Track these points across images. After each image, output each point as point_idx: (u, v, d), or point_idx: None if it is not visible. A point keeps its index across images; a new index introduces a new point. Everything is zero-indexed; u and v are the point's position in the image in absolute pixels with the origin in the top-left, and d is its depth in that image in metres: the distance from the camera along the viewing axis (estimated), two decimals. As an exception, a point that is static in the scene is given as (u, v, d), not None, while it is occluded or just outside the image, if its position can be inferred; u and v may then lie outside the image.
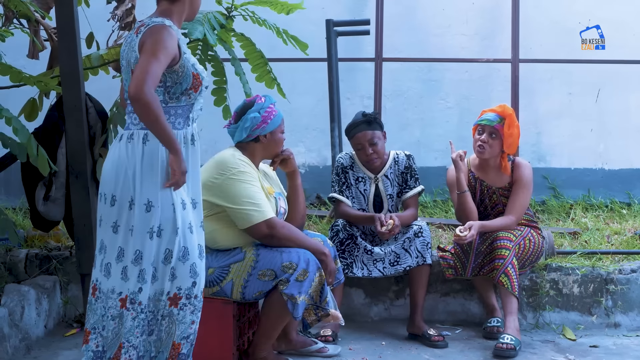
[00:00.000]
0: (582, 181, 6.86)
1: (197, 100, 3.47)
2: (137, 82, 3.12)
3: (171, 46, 3.27)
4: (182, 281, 3.37)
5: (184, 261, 3.36)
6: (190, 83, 3.39)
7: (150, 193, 3.31)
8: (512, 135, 4.74)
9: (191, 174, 3.44)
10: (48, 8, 5.02)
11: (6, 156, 4.97)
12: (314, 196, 6.76)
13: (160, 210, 3.31)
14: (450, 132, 6.77)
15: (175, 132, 3.36)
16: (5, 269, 5.03)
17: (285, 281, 3.87)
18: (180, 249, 3.35)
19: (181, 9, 3.47)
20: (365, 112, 4.92)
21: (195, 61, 3.45)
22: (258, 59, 5.19)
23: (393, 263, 4.74)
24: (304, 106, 6.75)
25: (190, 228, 3.39)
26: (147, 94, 3.11)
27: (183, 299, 3.38)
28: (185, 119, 3.43)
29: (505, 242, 4.61)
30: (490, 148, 4.77)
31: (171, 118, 3.39)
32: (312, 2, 6.10)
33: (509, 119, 4.73)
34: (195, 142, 3.48)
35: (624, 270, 5.06)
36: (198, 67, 3.43)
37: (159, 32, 3.28)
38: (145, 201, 3.31)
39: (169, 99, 3.39)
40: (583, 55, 6.72)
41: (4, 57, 4.96)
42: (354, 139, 4.86)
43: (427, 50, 6.90)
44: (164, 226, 3.32)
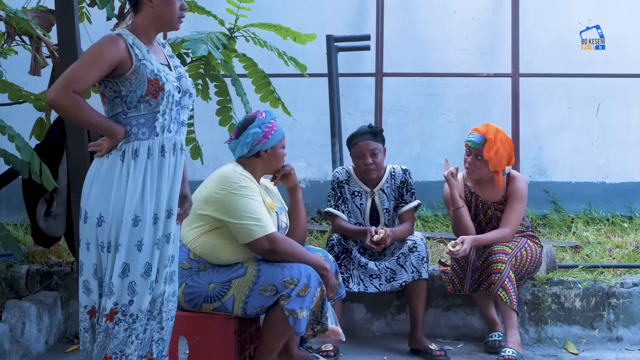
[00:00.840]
0: (583, 195, 6.86)
1: (162, 107, 3.35)
2: (52, 87, 3.23)
3: (105, 54, 3.25)
4: (119, 297, 3.32)
5: (123, 277, 3.31)
6: (145, 89, 3.30)
7: (103, 207, 3.30)
8: (497, 155, 4.69)
9: (156, 187, 3.35)
10: (50, 25, 5.04)
11: (7, 172, 4.98)
12: (315, 211, 6.76)
13: (110, 225, 3.29)
14: (450, 147, 6.77)
15: (137, 142, 3.31)
16: (6, 285, 5.03)
17: (286, 296, 3.86)
18: (122, 265, 3.30)
19: (145, 20, 3.41)
20: (371, 124, 4.93)
21: (162, 68, 3.38)
22: (261, 79, 5.22)
23: (389, 279, 4.74)
24: (305, 121, 6.76)
25: (138, 245, 3.31)
26: (57, 98, 3.19)
27: (119, 314, 3.33)
28: (150, 129, 3.34)
29: (501, 255, 4.60)
30: (477, 169, 4.78)
31: (133, 129, 3.32)
32: (312, 18, 6.14)
33: (488, 143, 4.70)
34: (166, 154, 3.37)
35: (625, 284, 5.05)
36: (161, 73, 3.35)
37: (98, 42, 3.31)
38: (97, 215, 3.30)
39: (127, 109, 3.33)
40: (583, 69, 6.73)
41: (5, 74, 4.98)
42: (356, 146, 4.86)
43: (428, 65, 6.91)
44: (114, 242, 3.30)
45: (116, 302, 3.31)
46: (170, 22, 3.45)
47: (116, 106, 3.35)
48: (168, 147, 3.38)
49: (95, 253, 3.33)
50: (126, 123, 3.33)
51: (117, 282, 3.30)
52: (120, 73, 3.29)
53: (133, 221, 3.29)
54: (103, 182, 3.32)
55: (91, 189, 3.34)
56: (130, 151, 3.32)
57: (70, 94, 3.20)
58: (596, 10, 6.82)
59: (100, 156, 3.37)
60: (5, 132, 4.24)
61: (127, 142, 3.33)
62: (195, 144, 5.27)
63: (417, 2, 7.04)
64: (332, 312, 4.09)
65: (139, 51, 3.33)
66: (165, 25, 3.47)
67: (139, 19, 3.42)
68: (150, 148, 3.34)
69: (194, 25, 6.16)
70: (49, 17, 5.05)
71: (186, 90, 3.47)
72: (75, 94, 3.23)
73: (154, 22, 3.42)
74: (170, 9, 3.40)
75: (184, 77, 3.50)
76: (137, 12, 3.43)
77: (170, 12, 3.41)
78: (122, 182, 3.30)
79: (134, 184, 3.30)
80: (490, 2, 7.00)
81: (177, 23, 3.46)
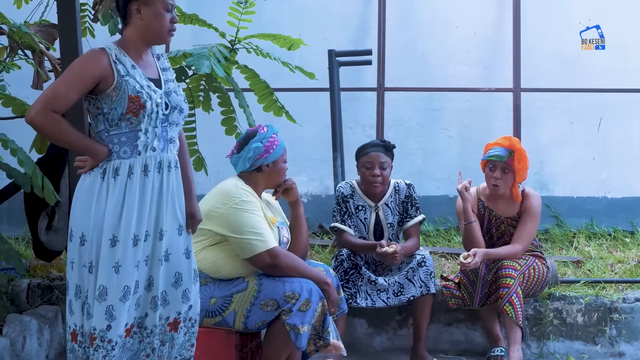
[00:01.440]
0: (584, 210, 6.85)
1: (143, 125, 3.27)
2: (32, 106, 3.18)
3: (86, 70, 3.19)
4: (97, 321, 3.22)
5: (100, 301, 3.21)
6: (125, 107, 3.21)
7: (85, 226, 3.22)
8: (524, 167, 4.75)
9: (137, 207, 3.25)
10: (52, 39, 5.06)
11: (9, 186, 4.98)
12: (317, 225, 6.75)
13: (91, 244, 3.21)
14: (452, 161, 6.78)
15: (118, 161, 3.24)
16: (7, 299, 5.02)
17: (287, 311, 3.86)
18: (98, 287, 3.21)
19: (134, 33, 3.34)
20: (384, 139, 4.94)
21: (146, 84, 3.29)
22: (263, 90, 5.23)
23: (397, 293, 4.73)
24: (307, 136, 6.77)
25: (115, 267, 3.21)
26: (36, 117, 3.14)
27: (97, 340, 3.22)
28: (132, 147, 3.26)
29: (510, 271, 4.60)
30: (505, 183, 4.79)
31: (115, 147, 3.25)
32: (314, 33, 6.15)
33: (518, 153, 4.74)
34: (150, 173, 3.27)
35: (628, 299, 5.04)
36: (144, 90, 3.26)
37: (80, 57, 3.29)
38: (79, 234, 3.23)
39: (109, 126, 3.25)
40: (584, 84, 6.74)
41: (8, 88, 4.99)
42: (367, 156, 4.85)
43: (429, 80, 6.92)
44: (95, 262, 3.22)
45: (94, 326, 3.21)
46: (160, 35, 3.36)
47: (99, 123, 3.28)
48: (152, 166, 3.28)
49: (77, 273, 3.25)
50: (108, 141, 3.26)
51: (95, 305, 3.20)
52: (102, 89, 3.22)
53: (110, 241, 3.20)
54: (84, 200, 3.25)
55: (74, 207, 3.28)
56: (111, 169, 3.24)
57: (50, 113, 3.14)
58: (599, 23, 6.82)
59: (83, 172, 3.31)
60: (7, 146, 4.25)
61: (109, 160, 3.25)
62: (198, 155, 5.28)
63: (418, 17, 7.05)
64: (334, 327, 4.08)
65: (122, 67, 3.25)
66: (155, 38, 3.38)
67: (128, 32, 3.35)
68: (132, 167, 3.25)
69: (194, 38, 6.18)
70: (51, 32, 5.07)
71: (175, 106, 3.37)
72: (55, 113, 3.16)
73: (143, 35, 3.34)
74: (159, 21, 3.32)
75: (173, 93, 3.39)
76: (126, 24, 3.36)
77: (160, 24, 3.33)
78: (101, 200, 3.22)
79: (113, 204, 3.21)
80: (492, 18, 7.02)
81: (167, 36, 3.38)
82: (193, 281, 3.44)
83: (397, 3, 7.00)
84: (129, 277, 3.23)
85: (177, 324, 3.40)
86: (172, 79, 3.46)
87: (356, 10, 7.09)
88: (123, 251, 3.21)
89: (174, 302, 3.39)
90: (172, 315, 3.39)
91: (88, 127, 4.53)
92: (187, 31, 6.44)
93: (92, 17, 5.41)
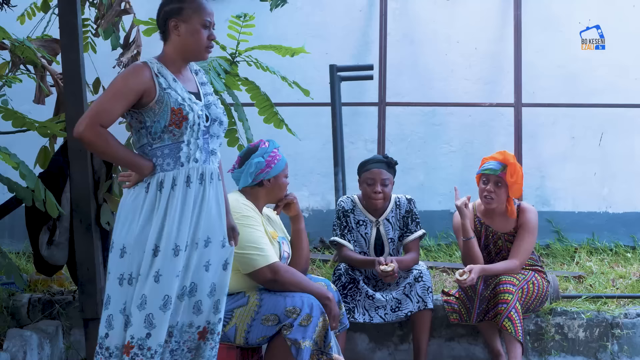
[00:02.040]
0: (586, 225, 6.85)
1: (186, 137, 3.34)
2: (79, 121, 3.25)
3: (130, 84, 3.26)
4: (135, 330, 3.26)
5: (140, 310, 3.25)
6: (168, 119, 3.29)
7: (126, 239, 3.28)
8: (517, 182, 4.75)
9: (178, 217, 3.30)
10: (55, 54, 5.07)
11: (10, 200, 4.98)
12: (318, 240, 6.75)
13: (132, 256, 3.26)
14: (453, 176, 6.78)
15: (162, 174, 3.30)
16: (8, 313, 5.01)
17: (288, 326, 3.85)
18: (140, 296, 3.26)
19: (172, 49, 3.42)
20: (387, 155, 4.94)
21: (187, 97, 3.36)
22: (264, 102, 5.25)
23: (395, 309, 4.72)
24: (308, 150, 6.78)
25: (155, 277, 3.26)
26: (84, 132, 3.21)
27: (135, 349, 3.27)
28: (175, 159, 3.32)
29: (508, 286, 4.59)
30: (497, 197, 4.78)
31: (158, 160, 3.32)
32: (315, 48, 6.17)
33: (510, 167, 4.74)
34: (192, 184, 3.33)
35: (629, 315, 5.03)
36: (186, 102, 3.33)
37: (123, 72, 3.36)
38: (120, 246, 3.29)
39: (152, 140, 3.33)
40: (586, 99, 6.75)
41: (10, 103, 5.00)
42: (369, 172, 4.85)
43: (431, 95, 6.93)
44: (135, 273, 3.27)
45: (132, 335, 3.25)
46: (197, 52, 3.43)
47: (142, 137, 3.35)
48: (194, 177, 3.35)
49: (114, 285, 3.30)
50: (152, 155, 3.33)
51: (134, 313, 3.25)
52: (145, 103, 3.29)
53: (153, 251, 3.26)
54: (127, 213, 3.31)
55: (117, 220, 3.34)
56: (155, 183, 3.31)
57: (98, 127, 3.22)
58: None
59: (127, 187, 3.38)
60: (10, 160, 4.26)
61: (153, 174, 3.32)
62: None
63: (420, 32, 7.07)
64: (335, 342, 4.08)
65: (163, 80, 3.33)
66: (192, 55, 3.45)
67: (167, 48, 3.43)
68: (175, 178, 3.32)
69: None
70: (54, 46, 5.09)
71: (215, 118, 3.45)
72: (102, 127, 3.24)
73: (181, 51, 3.42)
74: (197, 38, 3.40)
75: (213, 105, 3.47)
76: (165, 41, 3.45)
77: (197, 41, 3.40)
78: (144, 213, 3.29)
79: (158, 215, 3.28)
80: (493, 33, 7.03)
81: (204, 52, 3.45)
82: (225, 294, 3.52)
83: (399, 18, 7.03)
84: (170, 287, 3.29)
85: (205, 334, 3.46)
86: (210, 93, 3.55)
87: (357, 25, 7.11)
88: (164, 261, 3.27)
89: (207, 312, 3.45)
90: (203, 324, 3.45)
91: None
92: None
93: (94, 32, 5.44)
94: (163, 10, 3.42)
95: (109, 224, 4.43)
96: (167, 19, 3.39)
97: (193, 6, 3.38)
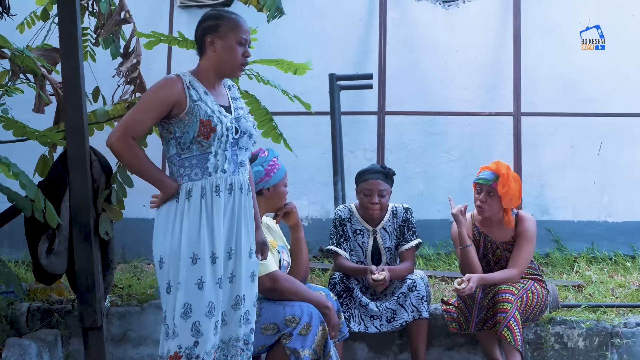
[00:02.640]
0: (585, 234, 6.85)
1: (213, 148, 3.42)
2: (112, 132, 3.37)
3: (160, 96, 3.37)
4: (182, 339, 3.33)
5: (186, 318, 3.32)
6: (197, 130, 3.38)
7: (162, 249, 3.37)
8: (509, 193, 4.73)
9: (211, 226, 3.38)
10: (54, 63, 5.08)
11: (9, 209, 4.98)
12: (317, 249, 6.75)
13: (169, 266, 3.35)
14: (453, 185, 6.79)
15: (190, 183, 3.39)
16: (7, 322, 5.01)
17: (288, 335, 3.85)
18: (183, 305, 3.33)
19: (207, 64, 3.52)
20: (384, 165, 4.94)
21: (217, 109, 3.44)
22: (263, 116, 5.26)
23: (390, 320, 4.72)
24: (308, 159, 6.78)
25: (198, 284, 3.34)
26: (115, 142, 3.33)
27: (183, 359, 3.32)
28: (202, 169, 3.41)
29: (508, 295, 4.58)
30: (489, 207, 4.78)
31: (186, 170, 3.42)
32: (315, 57, 6.17)
33: (502, 178, 4.73)
34: (221, 194, 3.41)
35: (629, 324, 5.02)
36: (215, 114, 3.41)
37: (155, 85, 3.44)
38: (158, 258, 3.38)
39: (180, 150, 3.43)
40: (585, 108, 6.76)
41: (10, 112, 5.00)
42: (366, 183, 4.85)
43: (430, 104, 6.94)
44: (173, 282, 3.35)
45: (179, 344, 3.30)
46: (231, 68, 3.53)
47: (171, 147, 3.45)
48: (222, 187, 3.42)
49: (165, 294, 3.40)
50: (179, 165, 3.42)
51: (179, 323, 3.31)
52: (176, 114, 3.39)
53: (191, 259, 3.33)
54: (162, 225, 3.41)
55: (155, 234, 3.43)
56: (184, 192, 3.39)
57: (129, 139, 3.33)
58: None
59: (153, 207, 3.48)
60: (9, 170, 4.26)
61: (181, 183, 3.42)
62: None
63: (419, 41, 7.08)
64: (335, 351, 4.07)
65: (194, 92, 3.42)
66: (226, 71, 3.55)
67: (203, 63, 3.54)
68: (203, 188, 3.39)
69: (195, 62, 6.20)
70: (53, 55, 5.10)
71: (245, 131, 3.53)
72: (133, 139, 3.34)
73: (216, 67, 3.52)
74: (232, 54, 3.49)
75: (243, 119, 3.54)
76: (201, 55, 3.55)
77: (232, 58, 3.49)
78: (177, 222, 3.37)
79: (189, 223, 3.36)
80: (492, 42, 7.04)
81: (238, 70, 3.54)
82: (254, 305, 3.61)
83: (398, 27, 7.04)
84: (212, 294, 3.36)
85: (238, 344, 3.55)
86: (241, 107, 3.63)
87: (357, 34, 7.13)
88: (204, 268, 3.34)
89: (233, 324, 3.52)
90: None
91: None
92: (188, 56, 6.46)
93: (93, 41, 5.44)
94: (201, 26, 3.54)
95: (108, 233, 4.42)
96: (204, 35, 3.51)
97: (230, 24, 3.49)
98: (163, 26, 6.97)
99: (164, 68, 6.84)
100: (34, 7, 5.70)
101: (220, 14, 3.55)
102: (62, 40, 4.41)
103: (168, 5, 7.10)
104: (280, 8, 4.71)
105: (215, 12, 3.58)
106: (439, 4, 7.10)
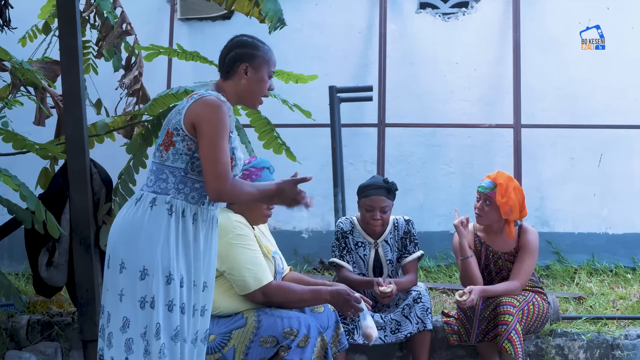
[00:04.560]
0: (586, 246, 6.84)
1: None
2: (213, 183, 3.18)
3: (227, 122, 3.22)
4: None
5: (157, 338, 3.19)
6: None
7: (148, 260, 3.19)
8: (508, 203, 4.72)
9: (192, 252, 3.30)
10: (55, 76, 5.10)
11: (10, 222, 4.99)
12: (317, 261, 6.75)
13: (154, 279, 3.18)
14: (453, 197, 6.79)
15: (185, 203, 3.26)
16: (7, 335, 5.01)
17: (286, 347, 3.85)
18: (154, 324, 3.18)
19: (232, 89, 3.41)
20: (387, 179, 4.92)
21: (238, 147, 3.37)
22: (264, 126, 5.28)
23: (394, 331, 4.71)
24: (308, 171, 6.63)
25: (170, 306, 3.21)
26: (226, 191, 3.19)
27: None
28: (200, 196, 3.30)
29: (509, 307, 4.58)
30: (486, 215, 4.78)
31: (185, 189, 3.27)
32: (315, 69, 6.20)
33: (500, 188, 4.73)
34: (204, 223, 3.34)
35: (630, 336, 5.01)
36: (238, 154, 3.34)
37: (217, 110, 3.23)
38: (140, 268, 3.19)
39: (191, 169, 3.27)
40: (585, 120, 6.77)
41: (10, 124, 5.02)
42: (369, 199, 4.84)
43: (430, 116, 6.95)
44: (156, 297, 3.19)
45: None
46: (254, 99, 3.45)
47: (179, 160, 3.27)
48: (207, 217, 3.36)
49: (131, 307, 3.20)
50: (180, 181, 3.27)
51: (152, 342, 3.18)
52: None
53: (167, 278, 3.20)
54: (148, 233, 3.21)
55: (134, 237, 3.22)
56: (179, 209, 3.25)
57: (231, 179, 3.19)
58: (598, 60, 6.87)
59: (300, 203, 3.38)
60: (10, 182, 4.27)
61: (176, 198, 3.26)
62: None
63: (419, 54, 7.10)
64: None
65: (231, 122, 3.31)
66: (248, 100, 3.47)
67: (228, 87, 3.42)
68: (196, 214, 3.30)
69: (196, 74, 6.23)
70: (54, 68, 5.12)
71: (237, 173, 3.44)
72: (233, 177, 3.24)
73: (241, 94, 3.42)
74: (261, 87, 3.43)
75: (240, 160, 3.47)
76: (227, 78, 3.43)
77: (259, 89, 3.43)
78: (172, 237, 3.22)
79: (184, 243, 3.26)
80: (492, 54, 7.06)
81: (258, 102, 3.49)
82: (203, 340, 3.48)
83: (398, 40, 7.06)
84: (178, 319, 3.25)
85: None
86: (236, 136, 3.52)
87: (357, 47, 7.15)
88: (176, 291, 3.22)
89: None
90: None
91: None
92: (188, 68, 6.51)
93: (95, 53, 5.46)
94: (235, 51, 3.42)
95: (108, 245, 4.42)
96: (238, 61, 3.39)
97: (266, 57, 3.44)
98: (163, 38, 7.00)
99: (164, 80, 6.86)
100: (36, 20, 5.73)
101: (257, 44, 3.46)
102: (63, 54, 4.43)
103: (168, 17, 7.13)
104: (282, 19, 4.70)
105: (251, 40, 3.47)
106: (438, 16, 7.12)
